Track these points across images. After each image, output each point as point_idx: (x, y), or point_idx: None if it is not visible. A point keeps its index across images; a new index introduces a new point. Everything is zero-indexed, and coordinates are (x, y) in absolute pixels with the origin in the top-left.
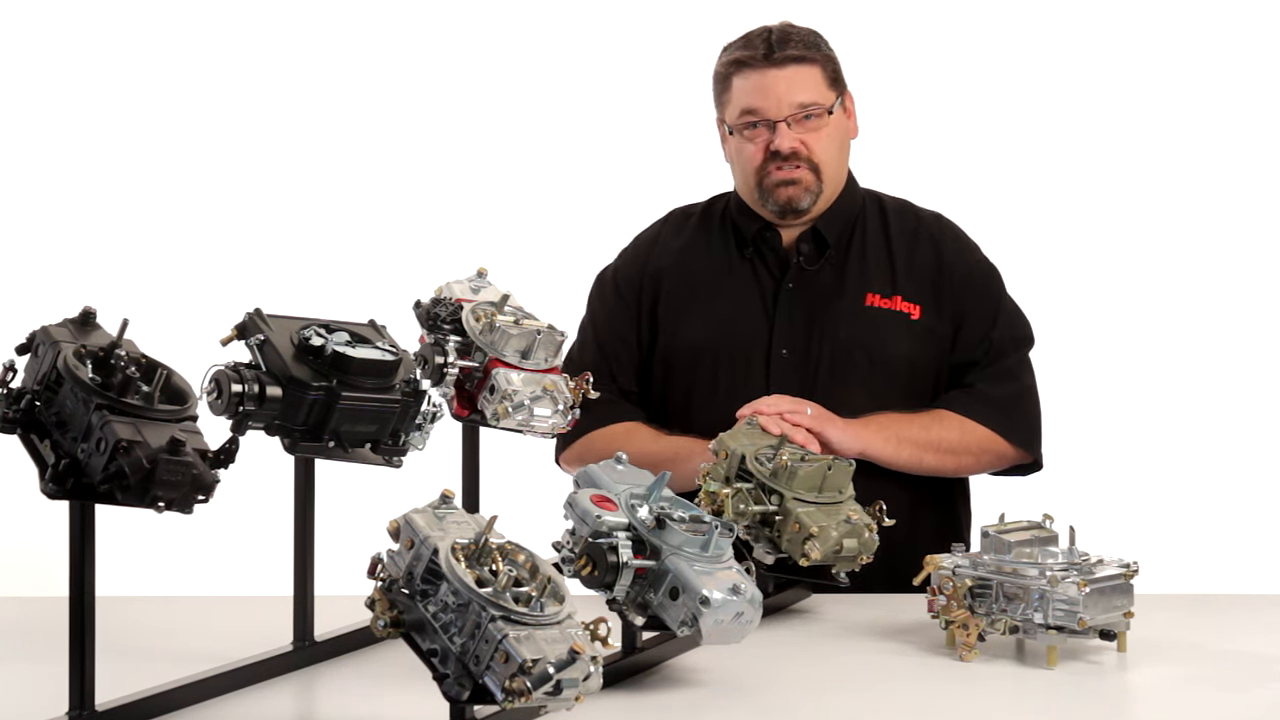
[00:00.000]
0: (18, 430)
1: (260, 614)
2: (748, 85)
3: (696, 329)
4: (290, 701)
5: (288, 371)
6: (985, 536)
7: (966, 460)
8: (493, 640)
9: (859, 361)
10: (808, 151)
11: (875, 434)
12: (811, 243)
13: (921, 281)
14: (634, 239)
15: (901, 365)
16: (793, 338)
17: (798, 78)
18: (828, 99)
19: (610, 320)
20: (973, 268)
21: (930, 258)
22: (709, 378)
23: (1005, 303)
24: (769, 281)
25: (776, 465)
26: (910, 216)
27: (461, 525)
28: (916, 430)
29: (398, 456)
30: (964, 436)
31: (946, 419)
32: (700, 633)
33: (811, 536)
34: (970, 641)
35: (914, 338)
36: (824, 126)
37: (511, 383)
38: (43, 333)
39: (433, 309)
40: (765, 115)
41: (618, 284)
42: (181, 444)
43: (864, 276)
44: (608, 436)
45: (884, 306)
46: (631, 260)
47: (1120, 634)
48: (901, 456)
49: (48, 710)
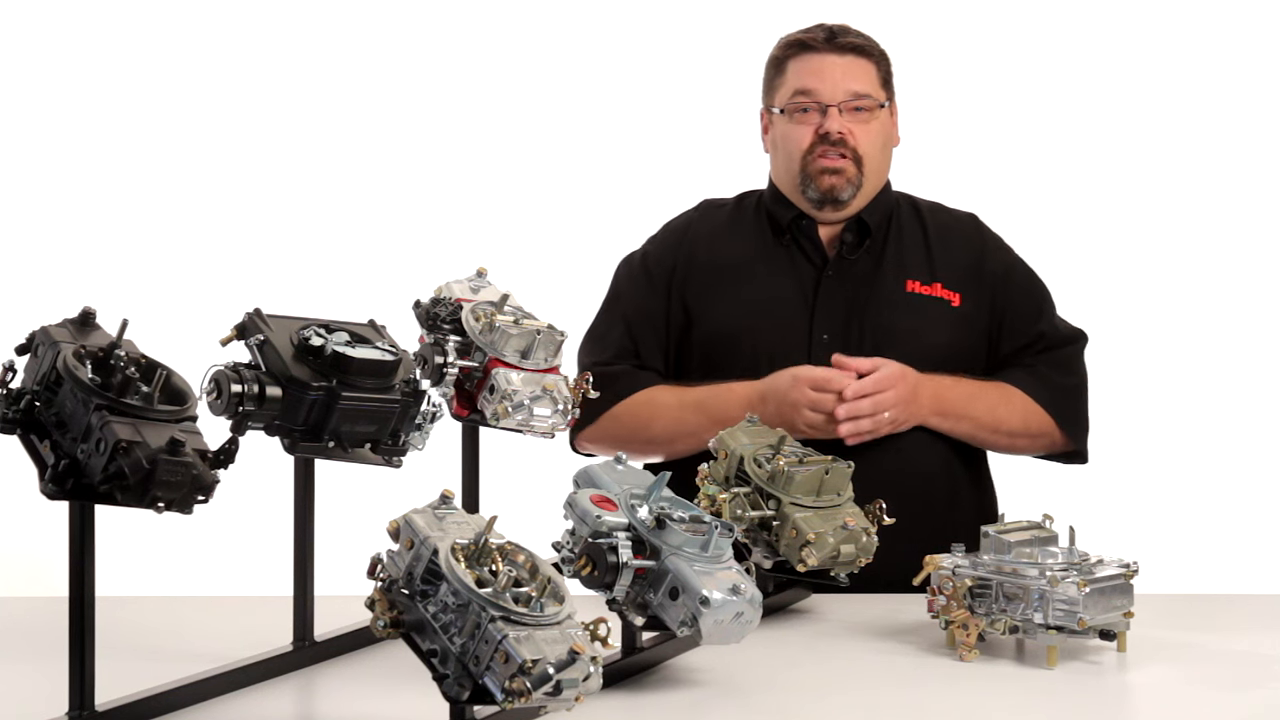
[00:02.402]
0: (17, 430)
1: (260, 614)
2: (805, 67)
3: (734, 314)
4: (290, 701)
5: (287, 371)
6: (985, 536)
7: (1021, 442)
8: (493, 640)
9: (899, 346)
10: (854, 141)
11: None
12: (854, 231)
13: (960, 272)
14: (664, 226)
15: (943, 351)
16: (833, 323)
17: (855, 67)
18: (880, 95)
19: (637, 299)
20: (1012, 265)
21: (968, 251)
22: (749, 363)
23: (1050, 299)
24: (807, 268)
25: (774, 469)
26: (945, 214)
27: (461, 525)
28: (984, 411)
29: (398, 456)
30: (1025, 421)
31: (1012, 400)
32: (700, 633)
33: (809, 543)
34: (970, 641)
35: (954, 324)
36: (873, 120)
37: (511, 383)
38: (42, 333)
39: (432, 309)
40: (819, 98)
41: (647, 266)
42: (181, 444)
43: (902, 265)
44: (632, 405)
45: (924, 293)
46: (662, 245)
47: (1120, 634)
48: (959, 431)
49: (48, 710)
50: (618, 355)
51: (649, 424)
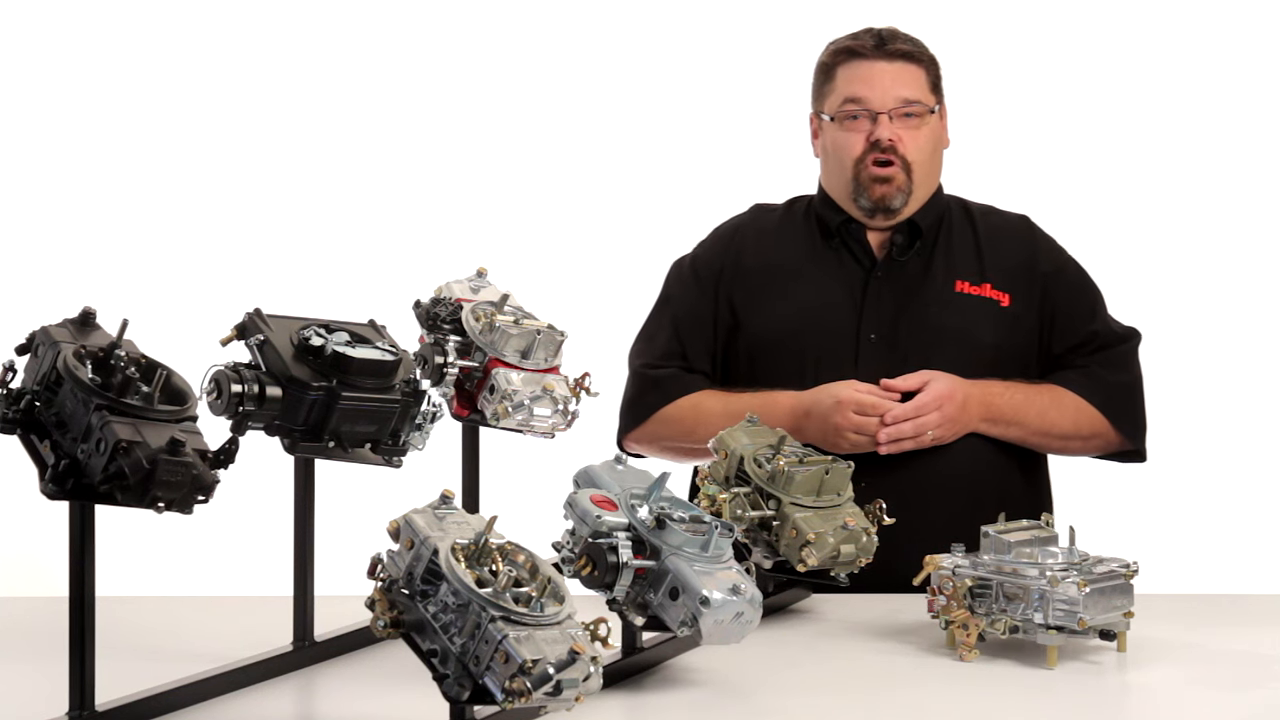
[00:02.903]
0: (18, 430)
1: (260, 614)
2: (854, 74)
3: (782, 315)
4: (290, 701)
5: (288, 371)
6: (985, 536)
7: (1074, 444)
8: (493, 640)
9: (947, 346)
10: (904, 148)
11: (992, 426)
12: (905, 234)
13: (1011, 273)
14: (713, 229)
15: (990, 351)
16: (881, 323)
17: (904, 74)
18: (929, 100)
19: (685, 302)
20: (1064, 265)
21: (1020, 253)
22: (795, 363)
23: (1102, 299)
24: (856, 270)
25: (774, 469)
26: (997, 216)
27: (461, 525)
28: (1034, 417)
29: (398, 456)
30: (1077, 423)
31: (1063, 403)
32: (700, 633)
33: (809, 543)
34: (970, 641)
35: (1004, 325)
36: (923, 126)
37: (511, 383)
38: (43, 333)
39: (432, 309)
40: (869, 105)
41: (696, 269)
42: (181, 444)
43: (952, 265)
44: (678, 409)
45: (973, 293)
46: (711, 248)
47: (1120, 634)
48: (1009, 436)
49: (48, 710)
50: (666, 357)
51: (693, 429)
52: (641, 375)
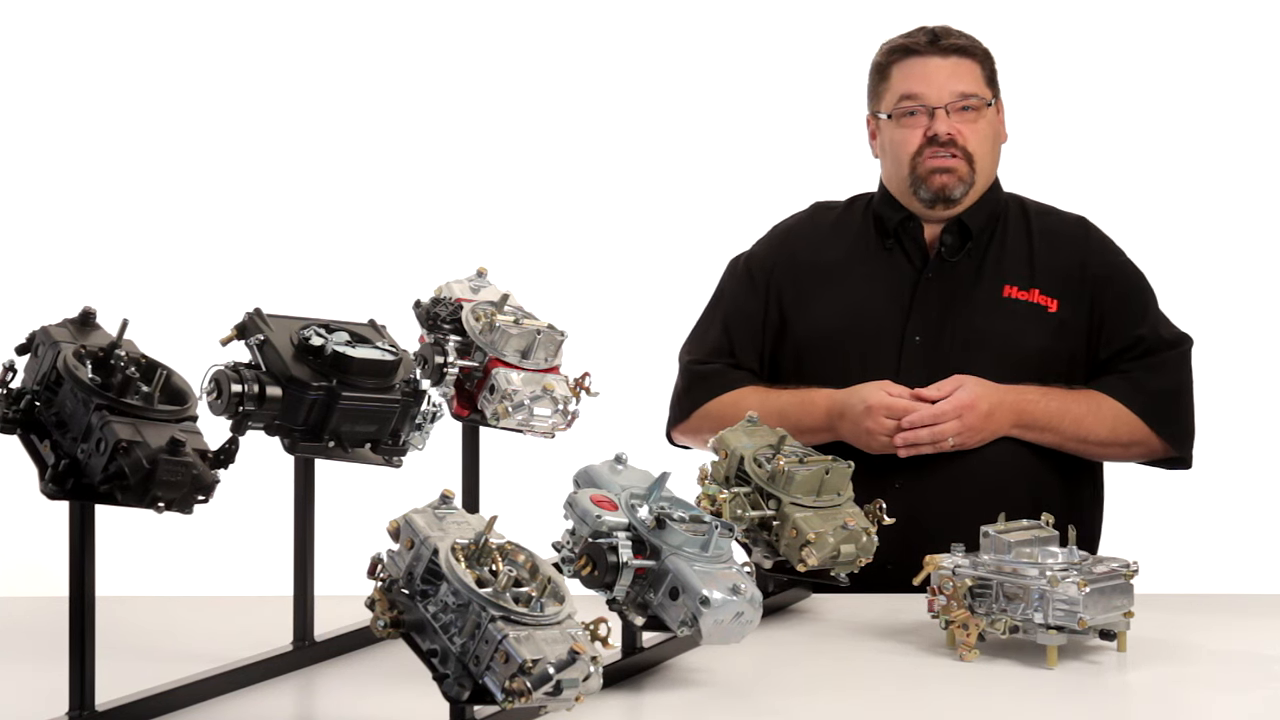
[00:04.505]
0: (18, 430)
1: (260, 614)
2: (910, 71)
3: (829, 314)
4: (290, 701)
5: (288, 371)
6: (985, 536)
7: (1113, 451)
8: (493, 640)
9: (991, 351)
10: (963, 140)
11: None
12: (956, 233)
13: (1061, 278)
14: (772, 227)
15: (1035, 357)
16: (927, 325)
17: (959, 69)
18: (986, 94)
19: (736, 299)
20: (1116, 268)
21: (1072, 256)
22: (839, 362)
23: (1154, 303)
24: (908, 270)
25: (774, 469)
26: (1053, 218)
27: (461, 525)
28: (1070, 424)
29: (398, 456)
30: (1115, 430)
31: (1101, 410)
32: (700, 633)
33: (809, 543)
34: (970, 641)
35: (1050, 331)
36: (980, 119)
37: (511, 382)
38: (43, 333)
39: (433, 309)
40: (925, 101)
41: (750, 268)
42: (181, 444)
43: (1002, 269)
44: (720, 404)
45: (1021, 298)
46: (767, 246)
47: (1120, 634)
48: (1044, 441)
49: (48, 710)
50: (714, 353)
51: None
52: (689, 371)
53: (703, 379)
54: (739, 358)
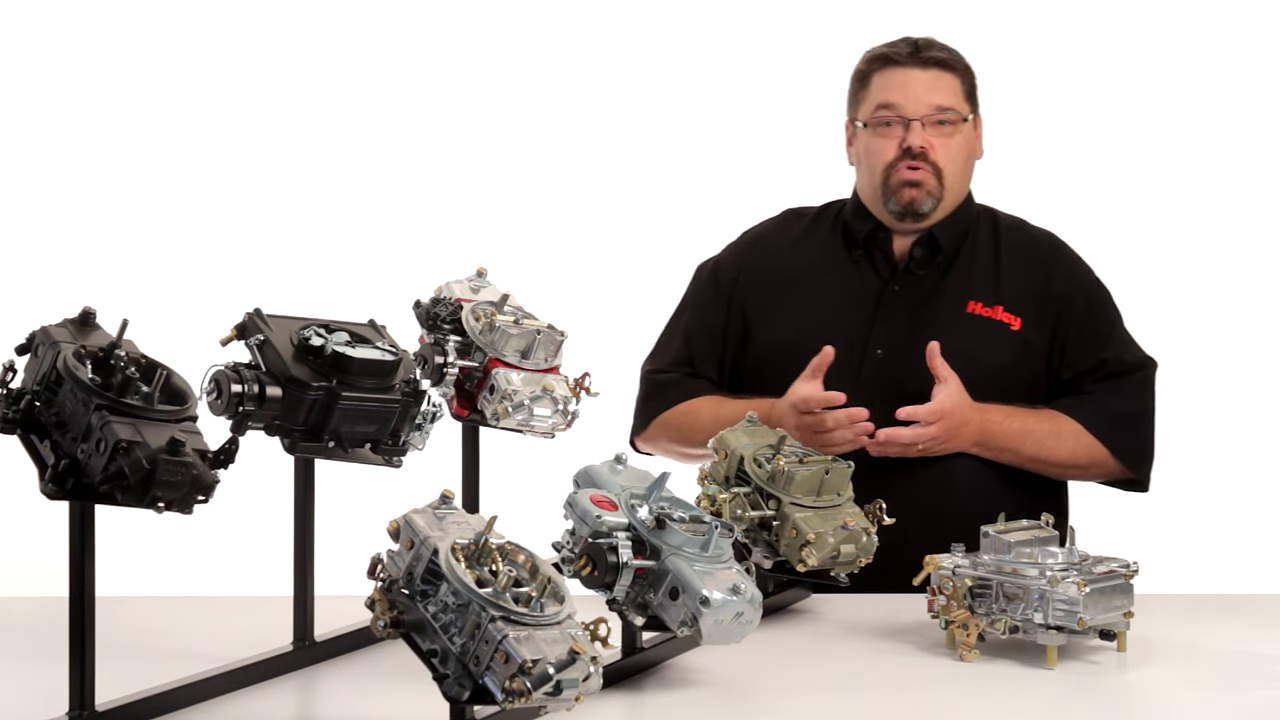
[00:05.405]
0: (18, 430)
1: (260, 614)
2: (889, 81)
3: (791, 324)
4: (290, 701)
5: (287, 371)
6: (985, 536)
7: (1072, 472)
8: (493, 640)
9: (955, 367)
10: (935, 155)
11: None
12: (925, 247)
13: (1026, 296)
14: (741, 234)
15: (996, 374)
16: (891, 338)
17: (939, 82)
18: (963, 109)
19: (699, 308)
20: (1082, 288)
21: (1038, 274)
22: (799, 373)
23: (1119, 324)
24: (874, 282)
25: (774, 469)
26: (1023, 234)
27: (461, 525)
28: (1031, 446)
29: (398, 456)
30: (1074, 453)
31: (1062, 432)
32: (700, 633)
33: (809, 543)
34: (970, 641)
35: (1012, 348)
36: (956, 134)
37: (511, 383)
38: (43, 333)
39: (432, 309)
40: (902, 111)
41: (716, 276)
42: (181, 444)
43: (969, 284)
44: (677, 414)
45: (985, 315)
46: (734, 254)
47: (1120, 634)
48: (1002, 460)
49: (48, 710)
50: (674, 363)
51: (690, 434)
52: (648, 380)
53: (660, 389)
54: (698, 368)
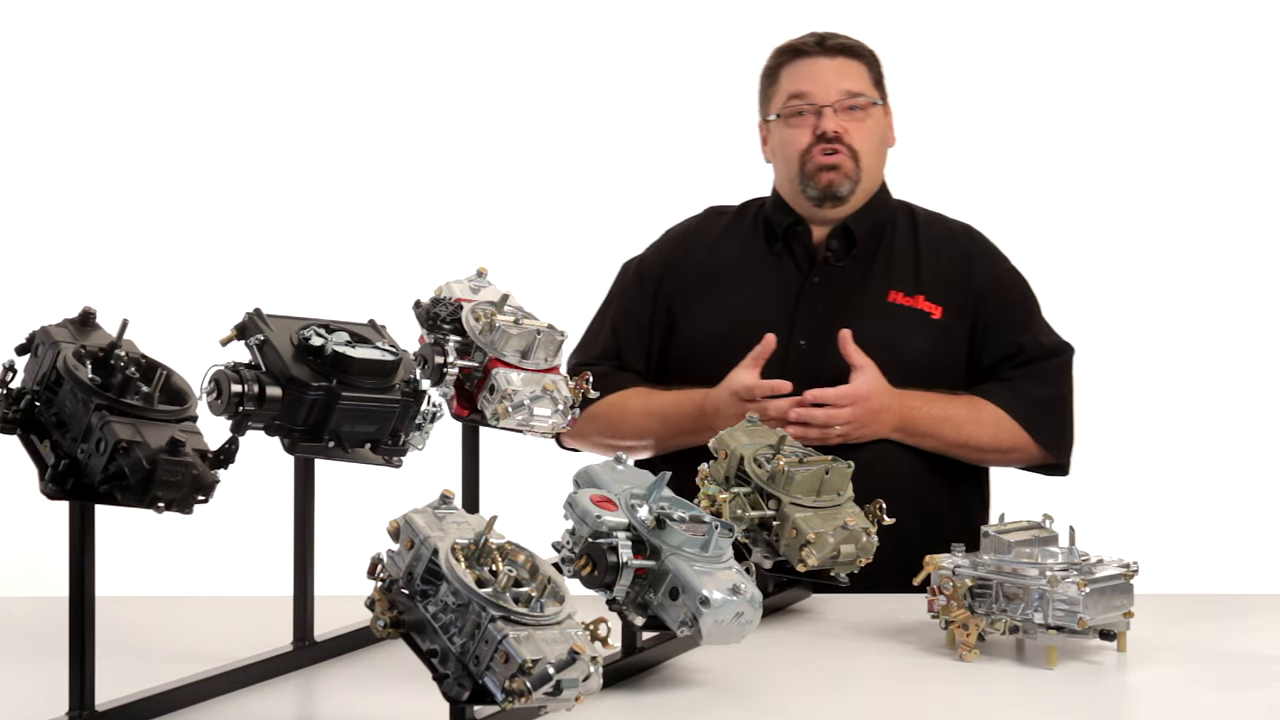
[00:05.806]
0: (18, 430)
1: (260, 614)
2: (798, 72)
3: (715, 317)
4: (290, 701)
5: (287, 371)
6: (985, 536)
7: (993, 456)
8: (493, 640)
9: (876, 356)
10: (850, 139)
11: (905, 437)
12: (841, 239)
13: (946, 285)
14: (665, 231)
15: (918, 362)
16: (813, 329)
17: (846, 69)
18: (873, 94)
19: (625, 303)
20: (1000, 277)
21: (957, 265)
22: (725, 365)
23: (1037, 312)
24: (794, 275)
25: (774, 469)
26: (940, 226)
27: (461, 525)
28: (951, 431)
29: (398, 456)
30: (995, 437)
31: (982, 416)
32: (700, 633)
33: (809, 543)
34: (970, 641)
35: (933, 337)
36: (868, 119)
37: (511, 383)
38: (42, 333)
39: (432, 309)
40: (813, 99)
41: (640, 272)
42: (181, 444)
43: (888, 275)
44: (605, 405)
45: (906, 304)
46: (658, 251)
47: (1120, 634)
48: (924, 446)
49: (48, 710)
50: (601, 356)
51: (618, 426)
52: (575, 372)
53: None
54: (625, 360)
